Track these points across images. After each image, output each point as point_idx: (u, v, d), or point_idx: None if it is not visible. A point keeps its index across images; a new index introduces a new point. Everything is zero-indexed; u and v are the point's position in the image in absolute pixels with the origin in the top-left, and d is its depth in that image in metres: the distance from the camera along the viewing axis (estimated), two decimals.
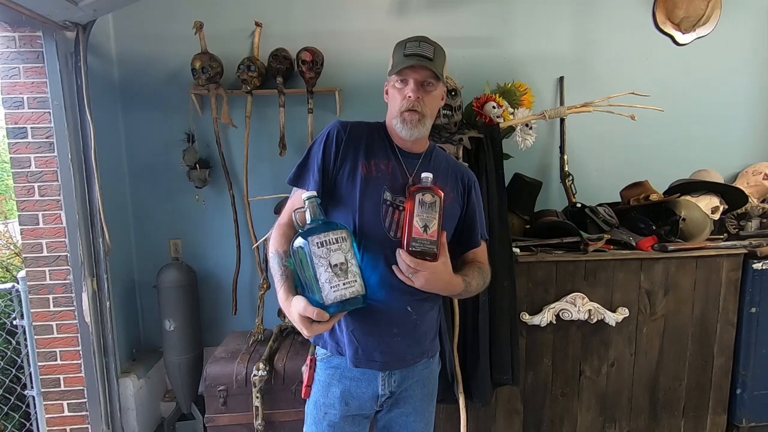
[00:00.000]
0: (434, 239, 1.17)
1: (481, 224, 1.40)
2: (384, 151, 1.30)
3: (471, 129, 2.07)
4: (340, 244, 1.10)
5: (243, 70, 2.47)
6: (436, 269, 1.17)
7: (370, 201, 1.24)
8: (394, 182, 1.26)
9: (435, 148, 1.39)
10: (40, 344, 2.22)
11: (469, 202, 1.36)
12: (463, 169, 1.41)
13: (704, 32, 2.73)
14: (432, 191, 1.19)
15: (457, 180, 1.36)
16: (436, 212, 1.18)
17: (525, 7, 2.67)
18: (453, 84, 2.07)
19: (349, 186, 1.25)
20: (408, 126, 1.24)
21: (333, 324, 1.14)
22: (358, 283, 1.11)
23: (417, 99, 1.23)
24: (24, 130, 2.11)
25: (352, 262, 1.11)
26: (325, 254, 1.08)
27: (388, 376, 1.29)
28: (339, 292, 1.08)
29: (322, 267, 1.08)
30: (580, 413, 2.24)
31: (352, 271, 1.10)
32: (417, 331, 1.29)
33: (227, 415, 2.23)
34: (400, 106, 1.24)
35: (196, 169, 2.56)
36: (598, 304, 2.14)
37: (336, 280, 1.08)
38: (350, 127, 1.29)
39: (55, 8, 1.91)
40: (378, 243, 1.23)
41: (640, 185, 2.40)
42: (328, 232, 1.10)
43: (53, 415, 2.27)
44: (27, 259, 2.18)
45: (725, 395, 2.27)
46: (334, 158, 1.27)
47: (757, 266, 2.17)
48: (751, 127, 2.83)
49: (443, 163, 1.36)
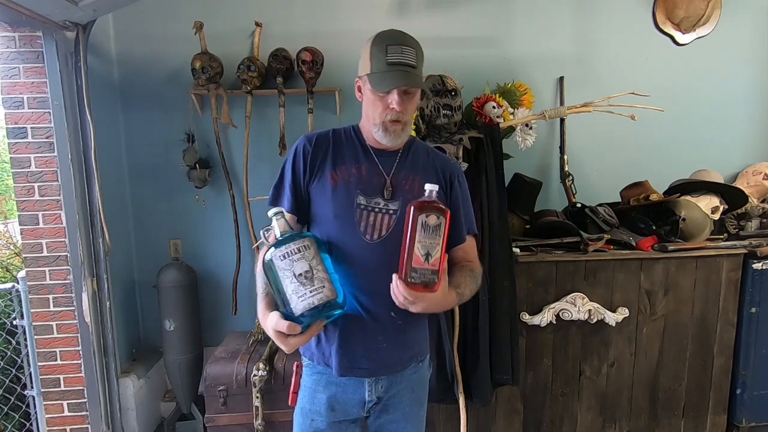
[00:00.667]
0: (436, 268, 1.06)
1: (468, 219, 1.33)
2: (354, 154, 1.25)
3: (471, 129, 2.07)
4: (303, 252, 1.05)
5: (243, 70, 2.46)
6: (434, 299, 1.09)
7: (342, 208, 1.20)
8: (368, 184, 1.22)
9: (414, 142, 1.32)
10: (40, 344, 2.22)
11: (452, 196, 1.30)
12: (445, 161, 1.34)
13: (704, 32, 2.72)
14: (437, 211, 1.06)
15: (438, 174, 1.29)
16: (440, 236, 1.06)
17: (525, 7, 2.67)
18: (453, 84, 2.07)
19: (321, 198, 1.22)
20: (392, 135, 1.20)
21: (311, 336, 1.09)
22: (326, 288, 1.05)
23: (402, 110, 1.18)
24: (24, 130, 2.11)
25: (318, 268, 1.06)
26: (288, 266, 1.04)
27: (374, 382, 1.26)
28: (306, 301, 1.03)
29: (287, 279, 1.04)
30: (580, 413, 2.24)
31: (319, 277, 1.05)
32: (404, 337, 1.26)
33: (227, 415, 2.23)
34: (383, 116, 1.19)
35: (196, 169, 2.56)
36: (598, 304, 2.14)
37: (302, 290, 1.03)
38: (316, 139, 1.26)
39: (55, 8, 1.91)
40: (355, 248, 1.19)
41: (640, 185, 2.40)
42: (290, 243, 1.06)
43: (53, 415, 2.27)
44: (27, 259, 2.18)
45: (725, 395, 2.27)
46: (303, 173, 1.24)
47: (757, 266, 2.17)
48: (751, 127, 2.83)
49: (423, 158, 1.30)
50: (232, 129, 2.62)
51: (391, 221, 1.20)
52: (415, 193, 1.20)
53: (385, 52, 1.16)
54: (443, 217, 1.06)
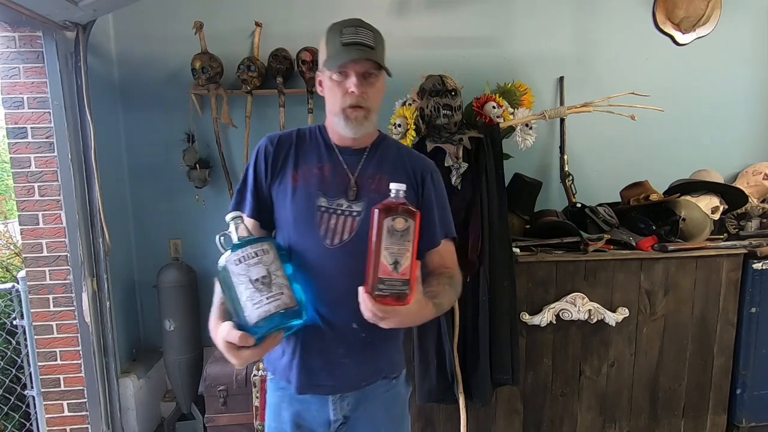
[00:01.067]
0: (406, 278, 0.93)
1: (444, 221, 1.22)
2: (316, 153, 1.17)
3: (471, 129, 2.07)
4: (261, 257, 0.97)
5: (243, 70, 2.46)
6: (408, 313, 0.96)
7: (303, 211, 1.12)
8: (331, 185, 1.13)
9: (385, 140, 1.23)
10: (40, 344, 2.22)
11: (424, 196, 1.19)
12: (417, 159, 1.23)
13: (704, 32, 2.72)
14: (405, 213, 0.93)
15: (408, 172, 1.19)
16: (409, 241, 0.93)
17: (525, 7, 2.67)
18: (453, 84, 2.07)
19: (283, 201, 1.14)
20: (353, 124, 1.11)
21: (266, 350, 0.97)
22: (285, 295, 0.96)
23: (361, 94, 1.09)
24: (24, 130, 2.11)
25: (276, 273, 0.97)
26: (244, 271, 0.95)
27: (339, 400, 1.16)
28: (262, 308, 0.93)
29: (242, 285, 0.94)
30: (580, 413, 2.24)
31: (277, 283, 0.96)
32: (370, 351, 1.15)
33: (227, 415, 2.23)
34: (342, 102, 1.10)
35: (196, 169, 2.56)
36: (598, 304, 2.14)
37: (258, 296, 0.94)
38: (278, 139, 1.19)
39: (55, 8, 1.91)
40: (314, 255, 1.10)
41: (640, 185, 2.40)
42: (246, 247, 0.97)
43: (53, 415, 2.27)
44: (27, 259, 2.18)
45: (725, 395, 2.27)
46: (265, 176, 1.16)
47: (757, 266, 2.17)
48: (751, 127, 2.83)
49: (392, 155, 1.20)
50: (232, 129, 2.62)
51: (355, 224, 1.11)
52: (382, 193, 1.08)
53: (340, 33, 1.09)
54: (412, 220, 0.94)
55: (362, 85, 1.09)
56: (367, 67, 1.09)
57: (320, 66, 1.15)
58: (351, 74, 1.08)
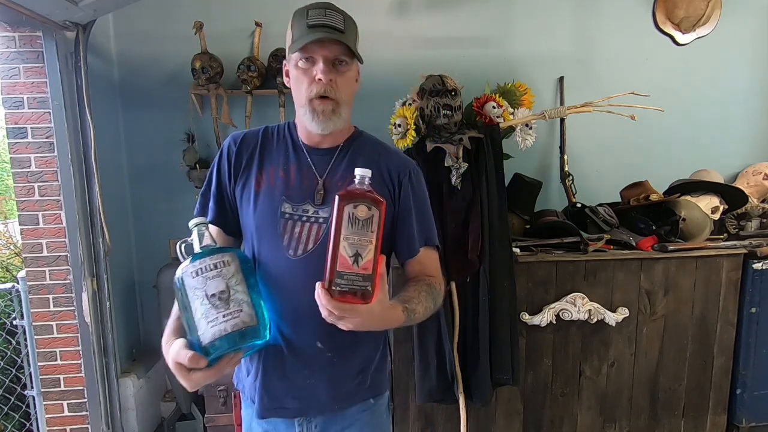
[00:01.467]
0: (368, 272, 0.84)
1: (423, 227, 1.10)
2: (283, 153, 1.06)
3: (471, 129, 2.07)
4: (221, 269, 0.88)
5: (243, 70, 2.47)
6: (370, 313, 0.85)
7: (265, 218, 1.02)
8: (296, 189, 1.02)
9: (360, 137, 1.12)
10: (40, 344, 2.22)
11: (401, 199, 1.07)
12: (395, 158, 1.10)
13: (704, 32, 2.72)
14: (369, 201, 0.85)
15: (383, 173, 1.07)
16: (373, 232, 0.85)
17: (525, 7, 2.67)
18: (453, 84, 2.07)
19: (246, 207, 1.05)
20: (320, 117, 0.99)
21: (221, 372, 0.87)
22: (244, 312, 0.87)
23: (329, 82, 0.97)
24: (24, 130, 2.11)
25: (236, 288, 0.88)
26: (200, 284, 0.87)
27: (306, 422, 1.06)
28: (217, 327, 0.84)
29: (197, 300, 0.86)
30: (580, 413, 2.24)
31: (236, 299, 0.88)
32: (338, 371, 1.04)
33: (227, 415, 2.23)
34: (308, 92, 0.98)
35: (196, 169, 2.56)
36: (598, 304, 2.14)
37: (213, 313, 0.85)
38: (243, 138, 1.08)
39: (55, 8, 1.91)
40: (276, 266, 1.00)
41: (640, 185, 2.40)
42: (205, 257, 0.89)
43: (53, 415, 2.27)
44: (27, 259, 2.18)
45: (725, 395, 2.27)
46: (228, 179, 1.07)
47: (757, 266, 2.16)
48: (751, 127, 2.83)
49: (366, 154, 1.08)
50: (232, 129, 2.62)
51: (321, 232, 1.00)
52: None
53: (306, 15, 0.98)
54: (376, 209, 0.85)
55: (330, 72, 0.97)
56: (336, 52, 0.97)
57: (287, 54, 1.04)
58: (318, 60, 0.97)
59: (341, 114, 1.01)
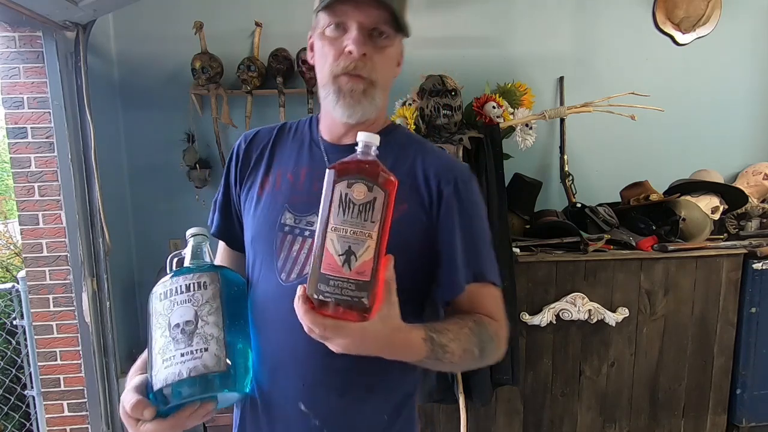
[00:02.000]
0: (364, 279, 0.60)
1: (474, 255, 0.82)
2: (296, 151, 0.86)
3: (471, 129, 2.08)
4: (192, 293, 0.71)
5: (243, 70, 2.46)
6: (365, 334, 0.61)
7: (262, 230, 0.82)
8: (303, 195, 0.80)
9: (394, 131, 0.88)
10: (40, 344, 2.22)
11: (441, 216, 0.80)
12: (438, 160, 0.84)
13: (704, 32, 2.72)
14: (369, 178, 0.61)
15: (418, 180, 0.80)
16: (374, 222, 0.61)
17: (525, 7, 2.67)
18: (453, 84, 2.07)
19: (246, 215, 0.87)
20: (347, 100, 0.76)
21: (179, 426, 0.68)
22: (209, 353, 0.67)
23: (362, 57, 0.74)
24: (24, 130, 2.11)
25: (207, 319, 0.69)
26: (166, 309, 0.70)
27: None
28: (171, 369, 0.66)
29: (159, 329, 0.70)
30: (580, 413, 2.24)
31: (203, 333, 0.68)
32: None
33: (227, 415, 2.22)
34: (334, 67, 0.76)
35: (196, 169, 2.56)
36: (598, 304, 2.14)
37: (171, 349, 0.67)
38: (253, 137, 0.91)
39: (55, 8, 1.91)
40: (263, 292, 0.80)
41: (640, 185, 2.40)
42: (179, 277, 0.73)
43: (53, 415, 2.27)
44: (27, 259, 2.18)
45: (725, 395, 2.27)
46: (235, 183, 0.91)
47: (757, 266, 2.16)
48: (751, 127, 2.83)
49: (396, 152, 0.83)
50: (232, 129, 2.62)
51: None
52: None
53: None
54: (381, 190, 0.61)
55: (365, 44, 0.74)
56: (375, 19, 0.74)
57: (312, 20, 0.84)
58: (351, 26, 0.75)
59: (375, 98, 0.77)
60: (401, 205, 0.76)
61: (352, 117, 0.78)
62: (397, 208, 0.67)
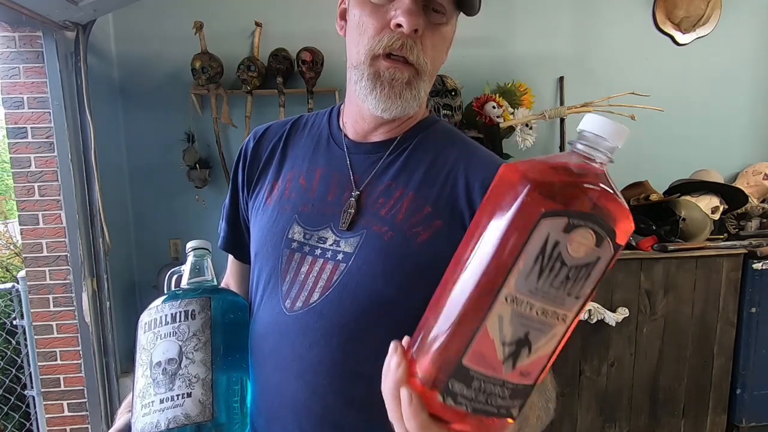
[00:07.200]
0: (527, 383, 0.43)
1: None
2: (311, 150, 0.72)
3: (471, 129, 2.08)
4: (179, 323, 0.60)
5: (243, 70, 2.47)
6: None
7: (266, 243, 0.69)
8: (316, 204, 0.67)
9: (433, 125, 0.72)
10: (40, 344, 2.22)
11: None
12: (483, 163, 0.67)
13: (704, 32, 2.72)
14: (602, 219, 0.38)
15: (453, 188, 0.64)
16: (580, 298, 0.42)
17: (525, 7, 2.67)
18: (453, 84, 2.07)
19: (253, 226, 0.75)
20: (385, 90, 0.61)
21: None
22: (194, 398, 0.57)
23: (414, 32, 0.59)
24: (24, 130, 2.11)
25: (192, 357, 0.59)
26: (149, 344, 0.60)
27: None
28: (149, 418, 0.57)
29: (141, 368, 0.60)
30: (580, 413, 2.24)
31: (187, 375, 0.58)
32: None
33: None
34: (372, 44, 0.61)
35: (196, 169, 2.56)
36: (598, 304, 2.14)
37: (151, 393, 0.58)
38: (263, 133, 0.77)
39: (55, 8, 1.91)
40: (263, 322, 0.66)
41: (640, 185, 2.40)
42: (167, 303, 0.62)
43: (53, 415, 2.27)
44: (27, 259, 2.18)
45: (725, 395, 2.27)
46: (242, 187, 0.77)
47: (757, 266, 2.16)
48: (751, 127, 2.83)
49: (432, 155, 0.67)
50: (232, 129, 2.62)
51: (335, 275, 0.62)
52: (397, 223, 0.61)
53: None
54: (612, 245, 0.40)
55: (419, 16, 0.58)
56: None
57: None
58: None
59: (419, 92, 0.63)
60: (435, 221, 0.61)
61: (387, 112, 0.62)
62: (430, 225, 0.54)
